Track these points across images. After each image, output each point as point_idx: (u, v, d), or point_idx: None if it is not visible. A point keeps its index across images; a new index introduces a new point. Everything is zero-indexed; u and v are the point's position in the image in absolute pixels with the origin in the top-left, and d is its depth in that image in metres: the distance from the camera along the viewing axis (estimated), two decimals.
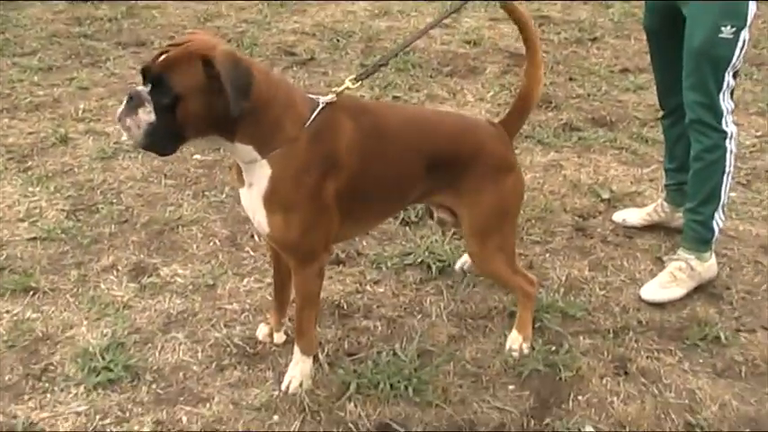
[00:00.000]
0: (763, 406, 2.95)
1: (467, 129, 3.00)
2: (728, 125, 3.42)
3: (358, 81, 2.85)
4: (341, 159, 2.66)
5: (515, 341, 3.15)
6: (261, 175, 2.59)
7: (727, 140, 3.42)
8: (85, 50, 6.19)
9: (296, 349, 2.93)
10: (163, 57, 2.43)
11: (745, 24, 3.27)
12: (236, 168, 2.71)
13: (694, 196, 3.54)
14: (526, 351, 3.14)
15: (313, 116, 2.61)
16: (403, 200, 2.98)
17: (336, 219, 2.72)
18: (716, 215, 3.53)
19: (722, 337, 3.26)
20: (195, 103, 2.43)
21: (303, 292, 2.85)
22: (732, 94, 3.43)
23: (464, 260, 3.54)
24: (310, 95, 2.71)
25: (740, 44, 3.28)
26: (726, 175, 3.48)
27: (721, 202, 3.52)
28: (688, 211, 3.58)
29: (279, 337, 3.15)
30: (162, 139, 2.48)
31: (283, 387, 2.91)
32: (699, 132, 3.43)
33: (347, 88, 2.78)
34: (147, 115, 2.42)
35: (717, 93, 3.36)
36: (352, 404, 2.87)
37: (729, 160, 3.45)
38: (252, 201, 2.66)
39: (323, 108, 2.65)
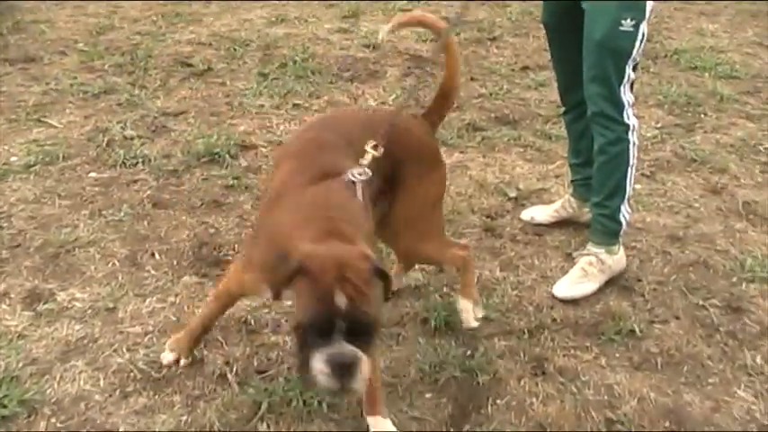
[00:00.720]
0: (680, 396, 2.95)
1: (398, 124, 2.85)
2: (630, 117, 3.43)
3: (378, 148, 2.68)
4: None
5: (467, 310, 3.06)
6: None
7: (630, 133, 3.44)
8: None
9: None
10: (343, 297, 2.09)
11: (645, 17, 3.30)
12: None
13: (600, 190, 3.54)
14: (480, 314, 3.08)
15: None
16: None
17: None
18: (622, 207, 3.53)
19: (637, 329, 3.26)
20: None
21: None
22: (632, 86, 3.44)
23: None
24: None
25: (640, 36, 3.31)
26: (630, 168, 3.49)
27: (627, 195, 3.52)
28: (594, 205, 3.58)
29: (185, 361, 3.02)
30: None
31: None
32: (601, 125, 3.44)
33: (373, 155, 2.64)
34: (365, 363, 2.15)
35: (618, 85, 3.37)
36: (264, 424, 2.76)
37: (632, 152, 3.47)
38: None
39: None
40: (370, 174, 2.55)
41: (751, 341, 3.25)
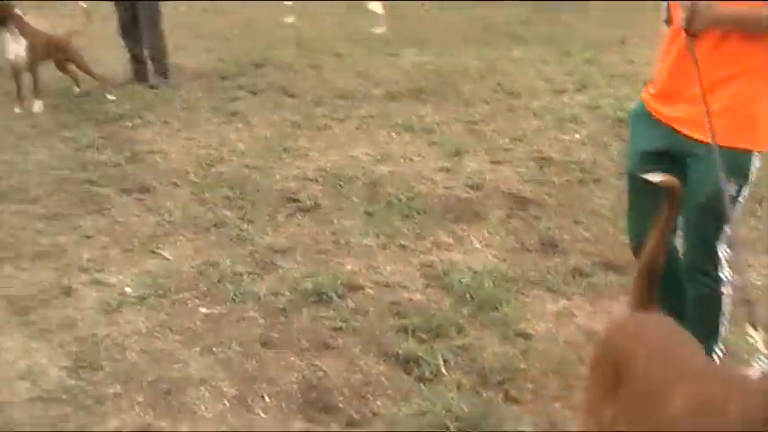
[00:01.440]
0: None
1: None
2: (724, 271, 3.49)
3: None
4: None
5: None
6: None
7: (723, 287, 3.51)
8: (90, 197, 6.14)
9: None
10: None
11: (748, 182, 3.36)
12: None
13: (693, 336, 3.53)
14: None
15: None
16: None
17: None
18: (715, 347, 3.59)
19: None
20: None
21: None
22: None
23: None
24: None
25: (741, 199, 3.39)
26: (723, 315, 3.56)
27: (720, 336, 3.59)
28: None
29: None
30: None
31: None
32: (694, 279, 3.52)
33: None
34: None
35: (715, 242, 3.44)
36: None
37: (727, 303, 3.54)
38: None
39: None
40: None
41: None
